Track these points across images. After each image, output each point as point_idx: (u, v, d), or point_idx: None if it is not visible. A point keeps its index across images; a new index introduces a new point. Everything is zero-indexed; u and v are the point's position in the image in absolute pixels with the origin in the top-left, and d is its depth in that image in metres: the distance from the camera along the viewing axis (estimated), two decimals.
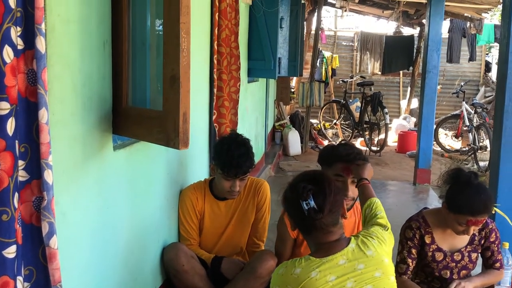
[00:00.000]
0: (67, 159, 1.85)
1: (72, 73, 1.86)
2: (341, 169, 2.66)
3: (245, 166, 2.96)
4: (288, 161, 8.38)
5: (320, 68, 12.07)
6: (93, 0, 2.00)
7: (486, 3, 8.07)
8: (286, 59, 5.98)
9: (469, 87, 12.41)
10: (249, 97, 5.98)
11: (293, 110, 11.21)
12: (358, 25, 14.82)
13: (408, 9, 10.07)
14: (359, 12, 11.95)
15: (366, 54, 12.52)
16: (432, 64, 6.75)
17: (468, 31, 11.19)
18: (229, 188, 3.01)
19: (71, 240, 1.90)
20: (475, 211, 2.52)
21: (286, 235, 2.92)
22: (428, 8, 6.78)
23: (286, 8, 5.92)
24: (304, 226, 2.01)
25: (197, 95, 3.60)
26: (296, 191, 1.97)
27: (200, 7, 3.60)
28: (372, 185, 2.52)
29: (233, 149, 2.94)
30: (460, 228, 2.60)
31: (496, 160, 3.61)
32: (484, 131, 8.83)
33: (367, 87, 10.50)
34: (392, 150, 10.03)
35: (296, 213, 1.99)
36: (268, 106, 8.20)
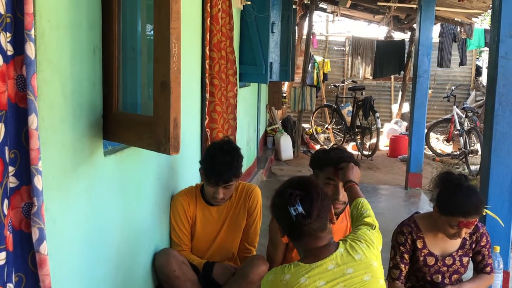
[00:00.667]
0: (57, 165, 1.85)
1: (62, 79, 1.85)
2: (332, 173, 2.68)
3: (226, 175, 2.93)
4: (280, 166, 8.38)
5: (312, 73, 12.10)
6: (83, 6, 2.00)
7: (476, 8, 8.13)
8: (277, 63, 5.98)
9: (460, 92, 12.48)
10: (241, 102, 5.97)
11: (285, 114, 11.22)
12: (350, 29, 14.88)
13: (399, 14, 10.13)
14: (350, 17, 12.02)
15: (357, 59, 12.56)
16: (423, 69, 6.79)
17: (459, 36, 11.27)
18: (212, 194, 3.01)
19: (61, 246, 1.89)
20: (466, 213, 2.53)
21: (278, 239, 2.92)
22: (419, 13, 6.82)
23: (277, 13, 5.92)
24: (292, 232, 2.01)
25: (189, 100, 3.60)
26: (283, 197, 1.98)
27: (191, 12, 3.60)
28: (363, 189, 2.52)
29: (217, 156, 2.93)
30: (452, 230, 2.61)
31: (487, 164, 3.63)
32: (475, 135, 8.88)
33: (359, 91, 10.54)
34: (384, 154, 10.07)
35: (284, 219, 1.99)
36: (260, 111, 8.20)
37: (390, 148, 10.08)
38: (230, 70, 4.07)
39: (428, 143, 9.92)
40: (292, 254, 2.92)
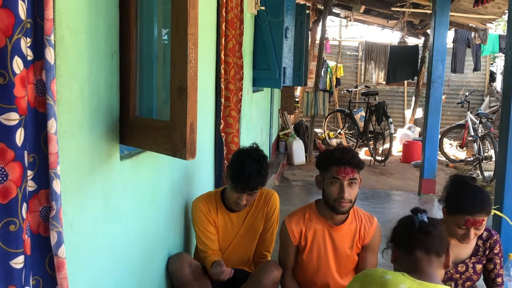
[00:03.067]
0: (74, 169, 1.86)
1: (80, 84, 1.87)
2: (336, 171, 2.71)
3: (253, 183, 2.93)
4: (292, 171, 8.37)
5: (325, 78, 12.10)
6: (102, 11, 2.01)
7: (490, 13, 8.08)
8: (290, 68, 5.98)
9: (473, 97, 12.41)
10: (254, 107, 5.99)
11: (297, 119, 11.21)
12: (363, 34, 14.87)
13: (413, 19, 10.10)
14: (363, 22, 11.99)
15: (370, 64, 12.53)
16: (437, 74, 6.76)
17: (473, 41, 11.21)
18: (236, 200, 3.00)
19: (77, 250, 1.90)
20: (472, 210, 2.53)
21: (288, 241, 2.93)
22: (433, 19, 6.80)
23: (291, 18, 5.93)
24: (409, 242, 2.01)
25: (203, 105, 3.61)
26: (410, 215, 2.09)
27: (206, 17, 3.62)
28: (376, 195, 2.53)
29: (246, 163, 2.92)
30: (460, 231, 2.59)
31: (502, 170, 3.60)
32: (489, 141, 8.82)
33: (372, 96, 10.51)
34: (397, 160, 10.02)
35: (405, 229, 2.05)
36: (272, 116, 8.21)
37: (403, 153, 10.03)
38: (237, 75, 4.09)
39: (442, 149, 9.86)
40: (303, 256, 2.94)
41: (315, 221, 2.90)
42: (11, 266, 1.40)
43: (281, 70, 5.58)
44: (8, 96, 1.36)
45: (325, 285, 2.96)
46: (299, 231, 2.91)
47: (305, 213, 2.94)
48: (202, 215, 3.08)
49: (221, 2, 3.72)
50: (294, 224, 2.92)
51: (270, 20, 5.48)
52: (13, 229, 1.39)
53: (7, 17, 1.34)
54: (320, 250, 2.91)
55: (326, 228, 2.89)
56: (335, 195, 2.73)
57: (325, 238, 2.89)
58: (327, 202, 2.80)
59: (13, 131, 1.38)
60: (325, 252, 2.90)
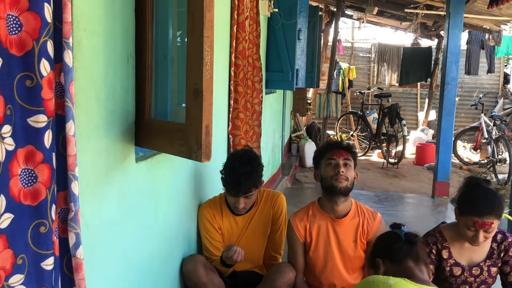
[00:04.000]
0: (91, 171, 1.87)
1: (96, 86, 1.88)
2: (331, 153, 2.89)
3: (245, 186, 2.94)
4: (304, 173, 8.36)
5: (337, 80, 12.08)
6: (118, 14, 2.03)
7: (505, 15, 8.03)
8: (303, 70, 5.98)
9: (487, 99, 12.32)
10: (267, 109, 5.99)
11: (309, 121, 11.20)
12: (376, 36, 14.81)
13: (426, 21, 10.05)
14: (376, 24, 11.96)
15: (383, 66, 12.48)
16: (451, 76, 6.72)
17: (487, 43, 11.13)
18: (234, 204, 3.02)
19: (94, 251, 1.91)
20: (481, 212, 2.52)
21: (295, 240, 2.99)
22: (447, 20, 6.76)
23: (304, 20, 5.92)
24: (398, 253, 2.12)
25: (218, 107, 3.62)
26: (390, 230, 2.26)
27: (221, 20, 3.63)
28: (390, 198, 2.59)
29: (236, 167, 2.94)
30: (469, 233, 2.58)
31: None
32: (503, 144, 8.75)
33: (385, 98, 10.47)
34: (410, 162, 9.97)
35: (391, 243, 2.17)
36: (285, 117, 8.20)
37: (416, 156, 9.98)
38: (256, 77, 4.08)
39: (455, 151, 9.80)
40: (310, 253, 2.98)
41: (319, 217, 2.98)
42: (42, 267, 1.41)
43: (294, 72, 5.58)
44: (36, 98, 1.37)
45: (332, 284, 2.98)
46: (303, 227, 2.98)
47: (309, 210, 3.02)
48: (207, 222, 3.10)
49: (233, 5, 3.74)
50: (299, 221, 3.00)
51: (283, 22, 5.48)
52: (43, 231, 1.41)
53: (34, 20, 1.35)
54: (326, 245, 2.96)
55: (329, 223, 2.96)
56: (332, 173, 2.86)
57: (329, 233, 2.95)
58: (325, 185, 2.90)
59: (42, 133, 1.39)
60: (330, 247, 2.95)
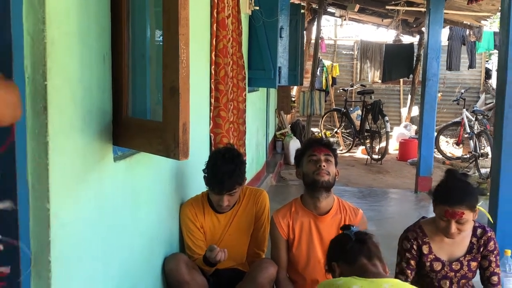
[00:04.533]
0: (67, 171, 1.86)
1: (72, 86, 1.87)
2: (312, 150, 2.92)
3: (228, 184, 2.94)
4: (289, 170, 8.37)
5: (321, 77, 12.12)
6: (93, 13, 2.01)
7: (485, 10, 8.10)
8: (286, 68, 5.99)
9: (469, 94, 12.44)
10: (249, 107, 5.99)
11: (294, 119, 11.23)
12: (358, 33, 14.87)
13: (408, 17, 10.12)
14: (358, 21, 12.01)
15: (366, 63, 12.55)
16: (432, 72, 6.78)
17: (468, 39, 11.24)
18: (217, 202, 3.02)
19: (71, 251, 1.90)
20: (451, 201, 2.55)
21: (278, 237, 3.00)
22: (427, 17, 6.82)
23: (286, 18, 5.94)
24: (351, 252, 2.14)
25: (198, 106, 3.61)
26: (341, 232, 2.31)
27: (199, 18, 3.62)
28: (373, 193, 2.60)
29: (219, 165, 2.93)
30: (442, 224, 2.60)
31: (497, 167, 3.61)
32: (485, 138, 8.84)
33: (368, 95, 10.53)
34: (393, 158, 10.04)
35: (343, 244, 2.19)
36: (269, 115, 8.21)
37: (400, 151, 10.05)
38: (239, 75, 4.08)
39: (438, 146, 9.88)
40: (293, 249, 2.99)
41: (301, 214, 2.99)
42: None
43: (276, 70, 5.58)
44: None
45: (315, 280, 2.98)
46: (286, 224, 2.99)
47: (291, 207, 3.03)
48: (189, 221, 3.10)
49: (213, 3, 3.73)
50: (281, 218, 3.00)
51: (265, 20, 5.49)
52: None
53: None
54: (308, 241, 2.97)
55: (312, 219, 2.97)
56: (314, 168, 2.88)
57: (311, 229, 2.97)
58: (307, 181, 2.91)
59: None
60: (312, 243, 2.97)
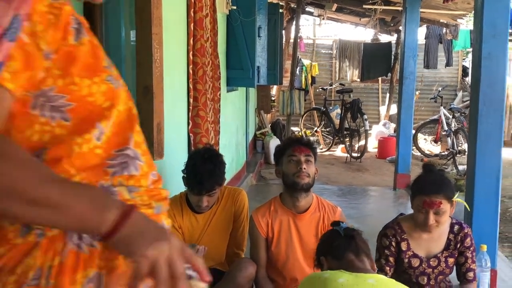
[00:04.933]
0: None
1: None
2: (293, 150, 2.92)
3: (208, 184, 2.91)
4: (270, 169, 8.38)
5: (300, 76, 12.15)
6: None
7: (461, 9, 8.21)
8: (265, 67, 6.01)
9: (447, 92, 12.58)
10: (229, 106, 5.99)
11: (274, 118, 11.25)
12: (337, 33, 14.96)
13: (385, 16, 10.20)
14: (337, 20, 12.08)
15: (345, 62, 12.63)
16: (409, 71, 6.84)
17: (444, 37, 11.35)
18: (197, 202, 3.00)
19: None
20: (427, 189, 2.62)
21: (258, 236, 3.01)
22: (404, 16, 6.88)
23: (264, 17, 5.95)
24: (339, 248, 2.16)
25: (176, 106, 3.59)
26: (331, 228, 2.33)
27: (176, 18, 3.60)
28: (353, 191, 2.62)
29: (198, 165, 2.90)
30: (420, 216, 2.65)
31: (472, 163, 3.66)
32: (462, 135, 8.95)
33: (347, 94, 10.59)
34: (373, 156, 10.11)
35: (332, 240, 2.22)
36: (248, 115, 8.22)
37: (379, 149, 10.13)
38: (215, 74, 4.08)
39: (416, 144, 9.98)
40: (272, 248, 3.00)
41: (280, 212, 3.00)
42: None
43: (254, 69, 5.59)
44: None
45: (294, 278, 3.00)
46: (265, 223, 3.00)
47: (271, 206, 3.04)
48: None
49: (190, 3, 3.72)
50: (261, 216, 3.01)
51: (242, 19, 5.49)
52: None
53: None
54: (287, 240, 2.98)
55: (290, 218, 2.98)
56: (294, 170, 2.88)
57: (290, 228, 2.98)
58: (287, 182, 2.92)
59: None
60: (291, 242, 2.98)
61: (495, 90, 3.53)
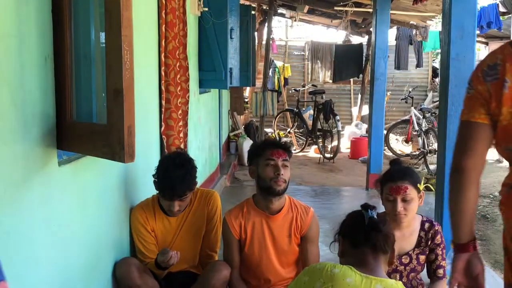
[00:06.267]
0: (8, 177, 1.81)
1: (11, 89, 1.82)
2: (270, 153, 2.89)
3: (179, 190, 2.91)
4: (243, 171, 8.38)
5: (273, 78, 12.19)
6: (32, 15, 1.97)
7: (430, 10, 8.33)
8: (237, 69, 5.99)
9: (417, 93, 12.76)
10: (201, 108, 5.97)
11: (247, 119, 11.25)
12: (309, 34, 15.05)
13: (356, 18, 10.30)
14: (308, 22, 12.15)
15: (317, 63, 12.71)
16: (380, 72, 6.91)
17: (414, 38, 11.53)
18: (168, 207, 2.99)
19: (15, 259, 1.85)
20: (394, 177, 2.74)
21: (231, 238, 3.00)
22: (374, 17, 6.95)
23: (236, 19, 5.94)
24: (357, 237, 2.06)
25: (146, 108, 3.57)
26: (360, 210, 2.13)
27: (147, 19, 3.58)
28: (326, 192, 2.56)
29: (170, 171, 2.90)
30: (389, 206, 2.73)
31: (442, 162, 3.72)
32: (432, 135, 9.09)
33: (319, 95, 10.65)
34: (345, 157, 10.19)
35: (355, 225, 2.08)
36: (221, 117, 8.20)
37: (351, 150, 10.22)
38: (183, 76, 4.06)
39: (388, 144, 10.10)
40: (245, 249, 3.00)
41: (253, 214, 3.01)
42: None
43: (227, 71, 5.58)
44: None
45: (267, 279, 3.00)
46: (238, 224, 2.99)
47: (243, 207, 3.04)
48: (140, 225, 3.06)
49: (161, 4, 3.70)
50: (234, 218, 3.01)
51: (214, 21, 5.48)
52: None
53: None
54: (260, 241, 2.99)
55: (263, 219, 2.99)
56: (272, 175, 2.87)
57: (263, 229, 2.98)
58: (263, 185, 2.91)
59: None
60: (264, 243, 2.99)
61: (463, 90, 3.58)
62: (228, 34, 5.56)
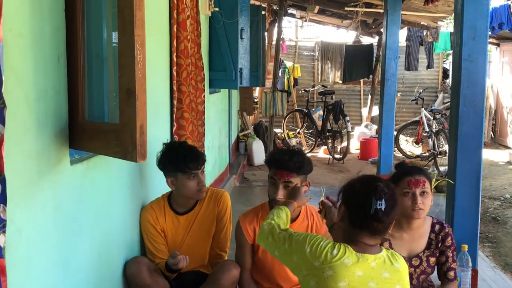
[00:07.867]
0: (22, 175, 1.82)
1: (25, 88, 1.83)
2: (274, 173, 2.83)
3: (200, 153, 3.05)
4: (252, 171, 8.39)
5: (282, 78, 12.18)
6: (46, 14, 1.98)
7: (441, 11, 8.29)
8: (247, 69, 6.00)
9: (428, 94, 12.70)
10: (211, 108, 5.98)
11: (256, 120, 11.25)
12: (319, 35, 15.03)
13: (366, 18, 10.27)
14: (319, 22, 12.13)
15: (327, 64, 12.68)
16: (390, 72, 6.89)
17: (425, 39, 11.47)
18: (196, 185, 3.00)
19: (29, 256, 1.86)
20: (411, 171, 2.75)
21: (244, 242, 2.97)
22: (385, 18, 6.93)
23: (246, 19, 5.95)
24: (359, 220, 2.05)
25: (158, 107, 3.59)
26: (370, 187, 2.02)
27: (158, 20, 3.60)
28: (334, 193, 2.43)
29: (178, 148, 3.02)
30: (407, 201, 2.69)
31: (453, 164, 3.70)
32: (443, 137, 9.04)
33: (329, 96, 10.63)
34: (355, 158, 10.16)
35: (360, 206, 2.02)
36: (231, 117, 8.21)
37: (361, 151, 10.19)
38: (198, 76, 4.07)
39: (398, 145, 10.06)
40: (258, 255, 2.97)
41: None
42: None
43: (237, 71, 5.59)
44: None
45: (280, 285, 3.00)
46: (252, 230, 2.95)
47: (258, 213, 3.00)
48: (150, 225, 3.08)
49: (172, 4, 3.71)
50: (248, 223, 2.97)
51: (225, 21, 5.49)
52: None
53: None
54: None
55: None
56: (272, 195, 2.84)
57: None
58: (270, 198, 2.90)
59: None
60: None
61: (475, 91, 3.57)
62: (238, 34, 5.57)
